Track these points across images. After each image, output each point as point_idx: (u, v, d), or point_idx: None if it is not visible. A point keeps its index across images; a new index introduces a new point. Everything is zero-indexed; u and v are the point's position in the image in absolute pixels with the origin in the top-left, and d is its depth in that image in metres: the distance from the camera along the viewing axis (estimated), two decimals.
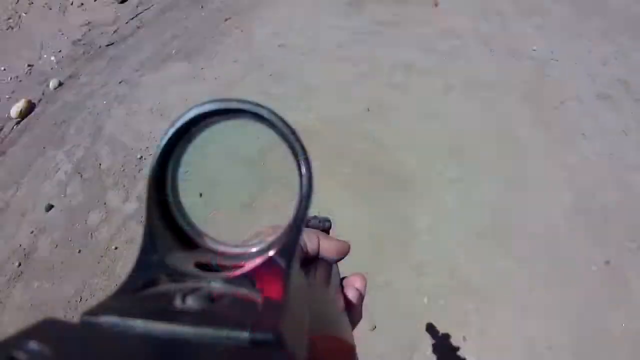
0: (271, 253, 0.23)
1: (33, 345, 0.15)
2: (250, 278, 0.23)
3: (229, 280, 0.23)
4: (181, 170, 0.25)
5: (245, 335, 0.17)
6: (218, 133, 0.24)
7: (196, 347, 0.17)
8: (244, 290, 0.22)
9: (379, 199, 2.57)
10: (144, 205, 0.24)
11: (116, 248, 2.53)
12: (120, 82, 3.81)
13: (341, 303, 0.37)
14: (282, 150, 0.23)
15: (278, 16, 4.14)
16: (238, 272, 0.23)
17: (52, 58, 5.30)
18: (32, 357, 0.15)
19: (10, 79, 4.75)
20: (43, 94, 4.71)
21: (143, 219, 0.24)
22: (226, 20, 4.41)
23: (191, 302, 0.20)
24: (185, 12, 6.03)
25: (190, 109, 0.23)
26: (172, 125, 0.24)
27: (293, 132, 0.23)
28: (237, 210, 2.52)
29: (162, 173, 0.24)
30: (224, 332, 0.17)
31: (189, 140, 0.25)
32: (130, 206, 2.72)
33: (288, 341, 0.18)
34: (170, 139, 0.24)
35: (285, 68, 3.47)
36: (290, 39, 3.76)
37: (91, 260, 2.50)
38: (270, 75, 3.43)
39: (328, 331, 0.28)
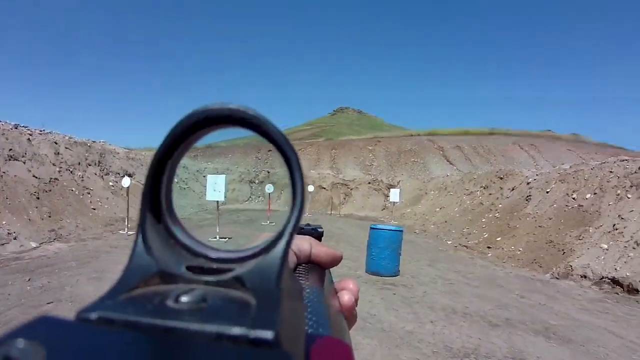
0: (262, 257, 0.24)
1: (27, 343, 0.15)
2: (242, 281, 0.23)
3: (221, 283, 0.23)
4: (176, 175, 0.26)
5: (242, 332, 0.18)
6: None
7: (192, 344, 0.17)
8: (236, 292, 0.22)
9: None
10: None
11: None
12: None
13: (336, 304, 0.38)
14: (276, 158, 0.30)
15: None
16: (230, 274, 0.23)
17: None
18: (25, 355, 0.15)
19: None
20: None
21: (137, 222, 0.25)
22: (48, 303, 5.08)
23: (185, 302, 0.20)
24: (12, 277, 6.69)
25: (188, 115, 0.24)
26: (169, 132, 0.24)
27: (288, 143, 0.24)
28: None
29: (157, 179, 0.25)
30: (221, 329, 0.18)
31: (186, 148, 0.26)
32: None
33: (285, 340, 0.19)
34: (166, 146, 0.24)
35: None
36: None
37: None
38: None
39: (325, 332, 0.29)
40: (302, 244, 0.41)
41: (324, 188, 28.52)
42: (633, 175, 10.96)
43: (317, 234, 0.51)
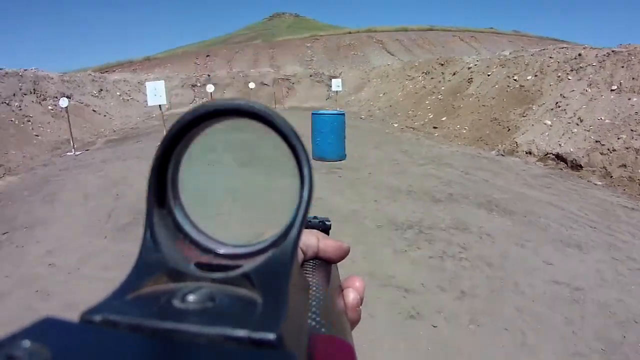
0: (271, 253, 0.24)
1: (31, 344, 0.15)
2: (250, 278, 0.23)
3: (229, 280, 0.23)
4: (181, 170, 0.26)
5: (245, 334, 0.18)
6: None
7: (196, 346, 0.18)
8: (244, 290, 0.22)
9: None
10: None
11: None
12: None
13: (341, 304, 0.38)
14: (284, 151, 0.24)
15: (51, 236, 4.72)
16: (238, 271, 0.23)
17: None
18: (30, 356, 0.15)
19: None
20: None
21: (144, 219, 0.25)
22: (3, 234, 5.05)
23: (191, 301, 0.20)
24: None
25: (195, 108, 0.24)
26: (173, 125, 0.24)
27: (296, 135, 0.24)
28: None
29: (162, 173, 0.26)
30: (224, 331, 0.18)
31: (190, 140, 0.26)
32: None
33: (288, 341, 0.19)
34: (170, 139, 0.25)
35: (52, 285, 3.84)
36: (60, 258, 4.38)
37: None
38: (37, 291, 3.75)
39: (328, 331, 0.29)
40: (309, 238, 0.40)
41: (266, 84, 27.49)
42: (573, 61, 11.00)
43: (324, 227, 0.49)
